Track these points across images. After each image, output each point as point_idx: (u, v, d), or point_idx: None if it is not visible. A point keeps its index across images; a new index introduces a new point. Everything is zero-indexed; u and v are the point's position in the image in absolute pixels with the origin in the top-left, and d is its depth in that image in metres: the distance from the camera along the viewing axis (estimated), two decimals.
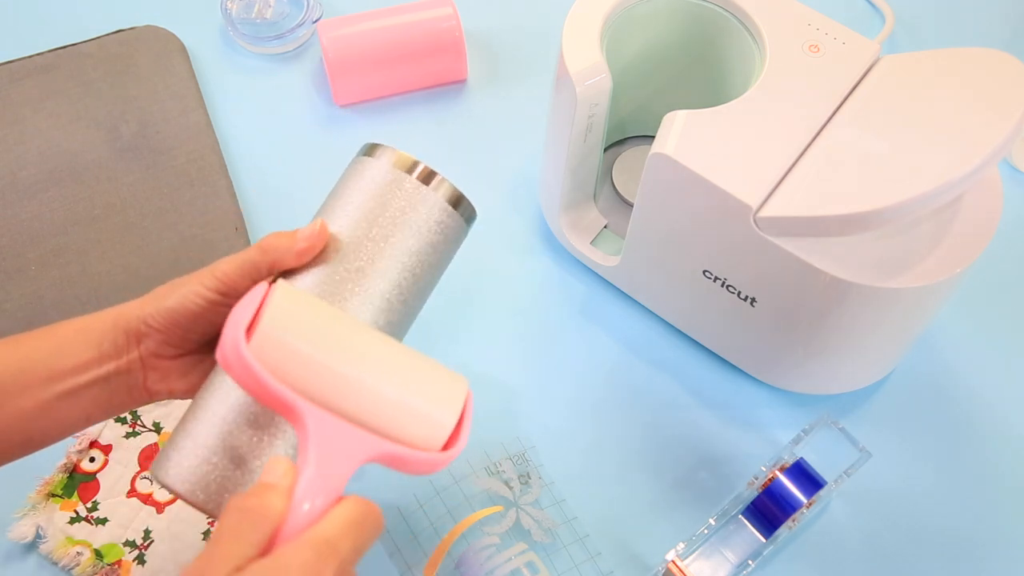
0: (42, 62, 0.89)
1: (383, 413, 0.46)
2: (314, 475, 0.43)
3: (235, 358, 0.44)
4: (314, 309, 0.47)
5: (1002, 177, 0.69)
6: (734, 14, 0.69)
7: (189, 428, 0.51)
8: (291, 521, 0.41)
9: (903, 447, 0.74)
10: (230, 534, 0.40)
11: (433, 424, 0.47)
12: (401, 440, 0.46)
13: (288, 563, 0.39)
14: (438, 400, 0.48)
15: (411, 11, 0.88)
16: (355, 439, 0.45)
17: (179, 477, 0.49)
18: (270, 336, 0.45)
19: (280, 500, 0.42)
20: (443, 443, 0.48)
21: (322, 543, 0.40)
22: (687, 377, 0.77)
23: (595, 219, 0.80)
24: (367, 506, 0.43)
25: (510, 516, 0.69)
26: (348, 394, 0.46)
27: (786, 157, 0.62)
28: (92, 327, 0.52)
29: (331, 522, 0.41)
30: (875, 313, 0.64)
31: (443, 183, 0.55)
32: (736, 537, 0.69)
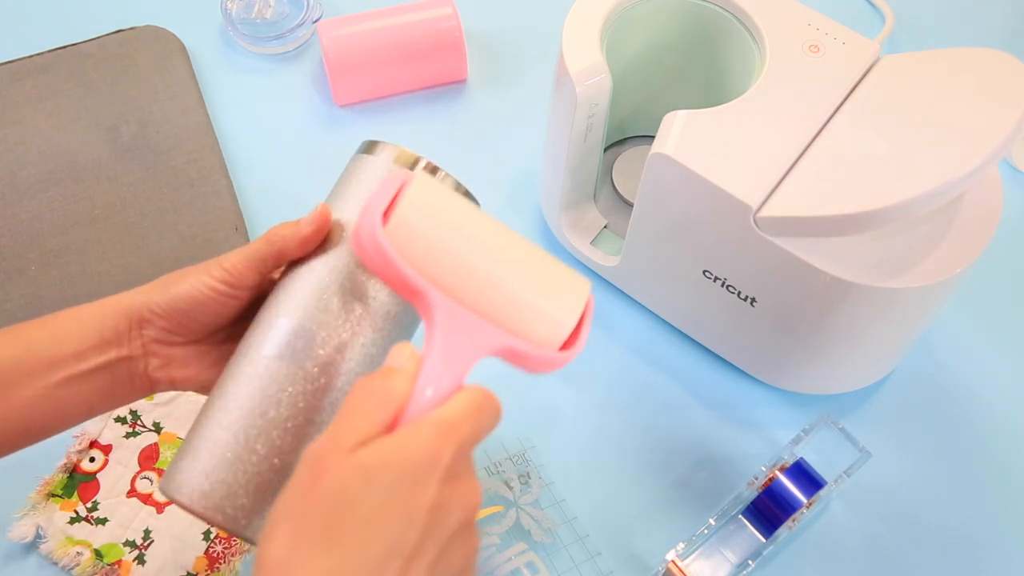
0: (42, 62, 0.89)
1: (509, 307, 0.46)
2: (438, 362, 0.44)
3: (371, 242, 0.45)
4: (449, 201, 0.48)
5: (1002, 177, 0.69)
6: (734, 14, 0.69)
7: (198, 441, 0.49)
8: (414, 404, 0.43)
9: (903, 447, 0.74)
10: (356, 411, 0.42)
11: (555, 323, 0.47)
12: (524, 336, 0.47)
13: (411, 441, 0.41)
14: (561, 299, 0.48)
15: (411, 11, 0.88)
16: (480, 330, 0.46)
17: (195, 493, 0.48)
18: (405, 223, 0.45)
19: (404, 383, 0.43)
20: (562, 343, 0.48)
21: (444, 424, 0.42)
22: (687, 377, 0.77)
23: (595, 219, 0.80)
24: (487, 394, 0.44)
25: (510, 516, 0.69)
26: (476, 286, 0.46)
27: (786, 157, 0.62)
28: (93, 314, 0.52)
29: (453, 406, 0.43)
30: (875, 313, 0.64)
31: (447, 179, 0.55)
32: (736, 537, 0.69)
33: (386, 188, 0.46)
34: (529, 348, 0.46)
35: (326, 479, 0.40)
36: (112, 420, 0.72)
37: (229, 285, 0.52)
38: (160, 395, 0.73)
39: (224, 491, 0.48)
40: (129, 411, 0.72)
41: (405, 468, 0.40)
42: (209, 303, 0.52)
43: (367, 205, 0.46)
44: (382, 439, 0.41)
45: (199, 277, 0.51)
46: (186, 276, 0.52)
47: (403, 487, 0.40)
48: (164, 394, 0.73)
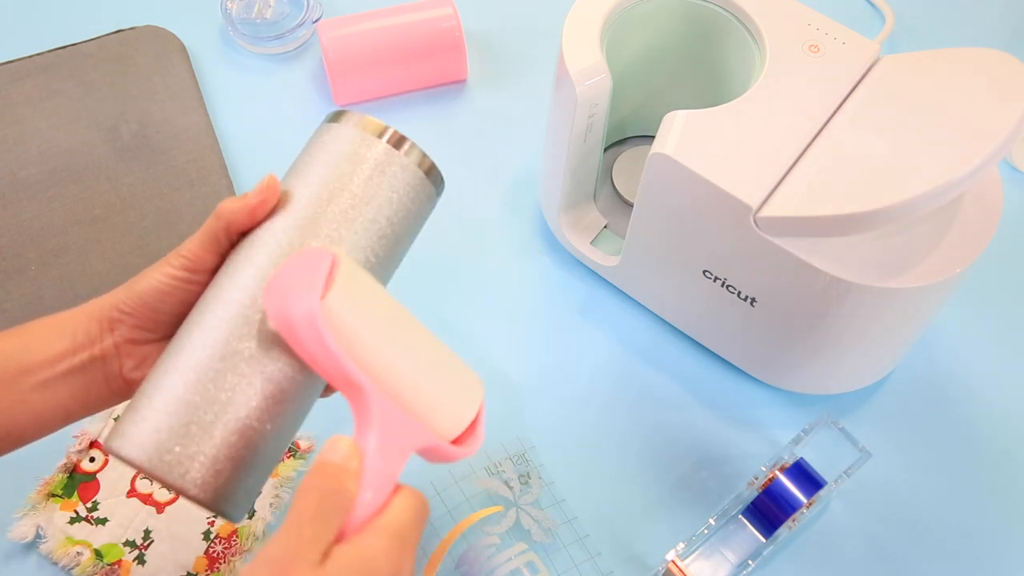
0: (42, 62, 0.89)
1: (427, 403, 0.46)
2: (378, 460, 0.43)
3: (307, 326, 0.42)
4: (374, 289, 0.47)
5: (1002, 177, 0.69)
6: (734, 14, 0.69)
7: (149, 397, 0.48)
8: (359, 506, 0.42)
9: (903, 447, 0.74)
10: (315, 517, 0.41)
11: (458, 417, 0.47)
12: (436, 431, 0.46)
13: (374, 553, 0.41)
14: (462, 394, 0.48)
15: (411, 11, 0.88)
16: (412, 428, 0.45)
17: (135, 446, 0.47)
18: (339, 310, 0.43)
19: (354, 484, 0.43)
20: (457, 436, 0.48)
21: (399, 537, 0.42)
22: (687, 377, 0.77)
23: (595, 219, 0.80)
24: (422, 498, 0.44)
25: (510, 516, 0.69)
26: (404, 381, 0.45)
27: (786, 157, 0.62)
28: (64, 320, 0.52)
29: (401, 513, 0.43)
30: (875, 313, 0.64)
31: (413, 149, 0.54)
32: (736, 537, 0.69)
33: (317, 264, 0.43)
34: (445, 446, 0.46)
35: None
36: (112, 420, 0.72)
37: (189, 271, 0.51)
38: None
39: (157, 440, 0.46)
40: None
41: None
42: (173, 292, 0.51)
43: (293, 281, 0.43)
44: (343, 551, 0.41)
45: (160, 269, 0.51)
46: (149, 271, 0.52)
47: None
48: None
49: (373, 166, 0.52)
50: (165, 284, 0.51)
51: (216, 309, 0.49)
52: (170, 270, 0.51)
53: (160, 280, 0.51)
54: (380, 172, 0.52)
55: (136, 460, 0.46)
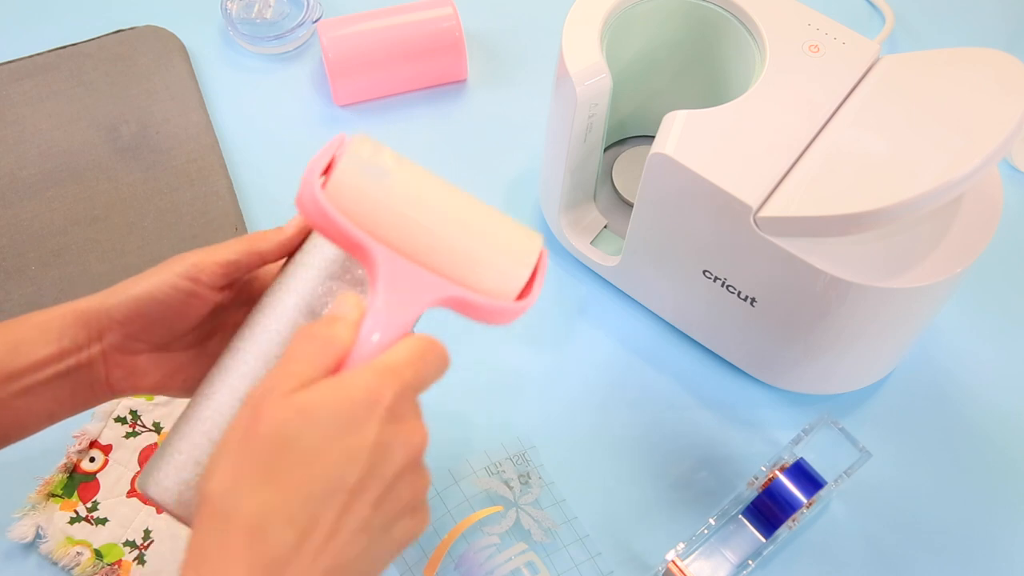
0: (42, 62, 0.89)
1: (455, 259, 0.47)
2: (382, 311, 0.44)
3: (310, 201, 0.45)
4: (390, 158, 0.48)
5: (1002, 177, 0.69)
6: (734, 14, 0.69)
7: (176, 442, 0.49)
8: (357, 351, 0.43)
9: (903, 447, 0.74)
10: (297, 356, 0.42)
11: (505, 274, 0.47)
12: (472, 287, 0.47)
13: (351, 383, 0.41)
14: (511, 252, 0.48)
15: (411, 11, 0.88)
16: (424, 280, 0.46)
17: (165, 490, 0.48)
18: (344, 181, 0.46)
19: (348, 331, 0.43)
20: (514, 296, 0.48)
21: (385, 368, 0.42)
22: (687, 377, 0.77)
23: (595, 219, 0.80)
24: (432, 342, 0.44)
25: (510, 516, 0.69)
26: (420, 238, 0.46)
27: (786, 157, 0.62)
28: (52, 322, 0.51)
29: (395, 352, 0.43)
30: (875, 313, 0.64)
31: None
32: (736, 537, 0.69)
33: (326, 149, 0.47)
34: (475, 297, 0.47)
35: (265, 420, 0.40)
36: (112, 420, 0.72)
37: (192, 280, 0.50)
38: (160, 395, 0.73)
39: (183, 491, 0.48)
40: (129, 411, 0.72)
41: (343, 408, 0.40)
42: (170, 302, 0.50)
43: (308, 166, 0.46)
44: (322, 382, 0.41)
45: (161, 276, 0.50)
46: (147, 275, 0.51)
47: (342, 426, 0.40)
48: None
49: None
50: (162, 293, 0.50)
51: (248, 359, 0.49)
52: (172, 278, 0.50)
53: (158, 288, 0.50)
54: None
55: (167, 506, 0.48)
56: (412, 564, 0.67)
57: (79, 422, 0.71)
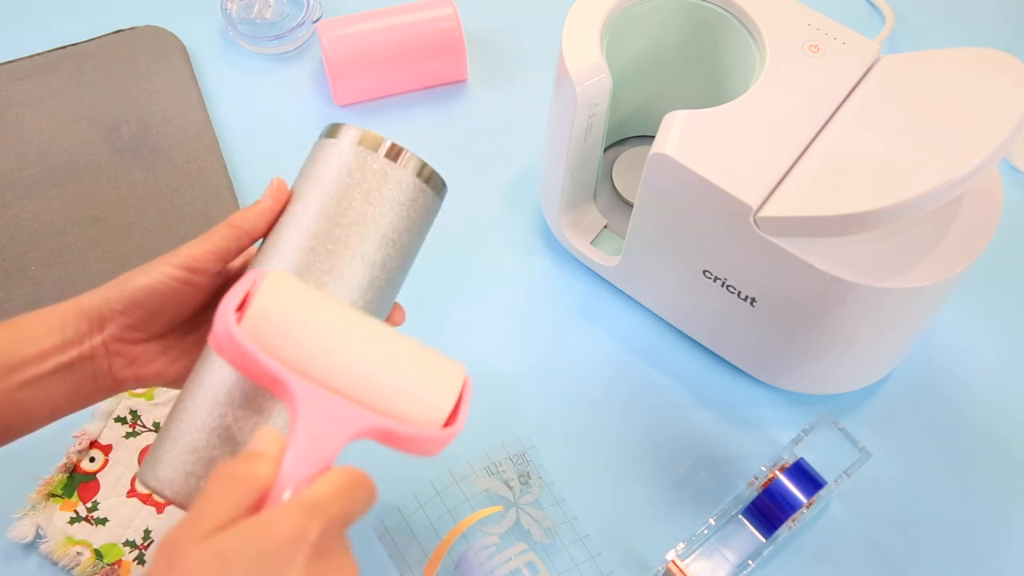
0: (42, 62, 0.89)
1: (375, 389, 0.46)
2: (303, 444, 0.43)
3: (225, 336, 0.45)
4: (304, 292, 0.48)
5: (1002, 177, 0.69)
6: (734, 14, 0.69)
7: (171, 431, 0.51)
8: (278, 488, 0.42)
9: (903, 447, 0.74)
10: (216, 496, 0.40)
11: (427, 403, 0.47)
12: (395, 418, 0.46)
13: (273, 520, 0.39)
14: (432, 381, 0.48)
15: (411, 11, 0.88)
16: (346, 411, 0.45)
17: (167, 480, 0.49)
18: (260, 316, 0.45)
19: (268, 467, 0.42)
20: (440, 423, 0.48)
21: (309, 503, 0.40)
22: (687, 377, 0.77)
23: (595, 219, 0.80)
24: (356, 473, 0.43)
25: (510, 516, 0.69)
26: (336, 368, 0.46)
27: (786, 157, 0.62)
28: (54, 315, 0.51)
29: (319, 486, 0.41)
30: (875, 313, 0.64)
31: (412, 159, 0.54)
32: (736, 537, 0.69)
33: (239, 286, 0.46)
34: (399, 427, 0.46)
35: (179, 568, 0.38)
36: (112, 420, 0.72)
37: (189, 271, 0.51)
38: (160, 395, 0.73)
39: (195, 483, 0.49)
40: (129, 411, 0.72)
41: (267, 548, 0.38)
42: (169, 293, 0.51)
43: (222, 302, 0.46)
44: (242, 522, 0.39)
45: (159, 268, 0.51)
46: (146, 269, 0.51)
47: (266, 569, 0.38)
48: (164, 394, 0.73)
49: (373, 180, 0.53)
50: (161, 284, 0.51)
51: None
52: (169, 269, 0.51)
53: (157, 279, 0.51)
54: (380, 185, 0.53)
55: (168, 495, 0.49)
56: (412, 564, 0.67)
57: (79, 422, 0.71)
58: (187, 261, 0.51)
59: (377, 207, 0.53)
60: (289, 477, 0.42)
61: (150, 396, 0.73)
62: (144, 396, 0.73)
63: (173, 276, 0.51)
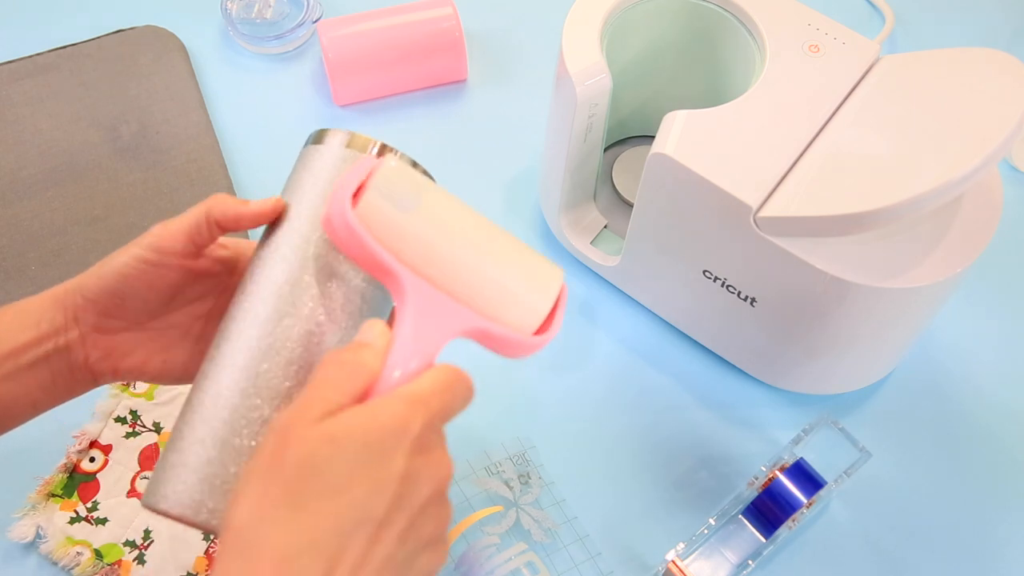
0: (42, 62, 0.89)
1: (480, 290, 0.47)
2: (409, 339, 0.44)
3: (341, 223, 0.45)
4: (420, 185, 0.48)
5: (1002, 177, 0.69)
6: (734, 14, 0.69)
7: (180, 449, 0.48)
8: (384, 379, 0.43)
9: (903, 447, 0.74)
10: (325, 382, 0.42)
11: (528, 308, 0.48)
12: (496, 319, 0.47)
13: (379, 411, 0.41)
14: (534, 285, 0.48)
15: (411, 11, 0.89)
16: (451, 310, 0.46)
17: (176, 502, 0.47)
18: (375, 205, 0.46)
19: (375, 358, 0.43)
20: (535, 329, 0.48)
21: (413, 397, 0.42)
22: (687, 377, 0.77)
23: (595, 219, 0.80)
24: (458, 372, 0.44)
25: (510, 516, 0.69)
26: (447, 268, 0.46)
27: (786, 157, 0.62)
28: (30, 309, 0.52)
29: (423, 381, 0.43)
30: (875, 313, 0.64)
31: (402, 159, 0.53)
32: (736, 537, 0.69)
33: (356, 171, 0.47)
34: (501, 330, 0.47)
35: (293, 447, 0.40)
36: (112, 420, 0.72)
37: (158, 251, 0.51)
38: (160, 395, 0.73)
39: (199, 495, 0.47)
40: (129, 411, 0.72)
41: (372, 437, 0.40)
42: (139, 275, 0.51)
43: (337, 186, 0.46)
44: (350, 409, 0.41)
45: (126, 250, 0.51)
46: (115, 253, 0.52)
47: (371, 456, 0.40)
48: (164, 394, 0.73)
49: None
50: (130, 267, 0.51)
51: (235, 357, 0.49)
52: (137, 251, 0.51)
53: (125, 263, 0.51)
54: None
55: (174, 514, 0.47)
56: None
57: (79, 422, 0.71)
58: (155, 241, 0.51)
59: None
60: (395, 369, 0.43)
61: (150, 396, 0.73)
62: (144, 396, 0.73)
63: (140, 258, 0.51)
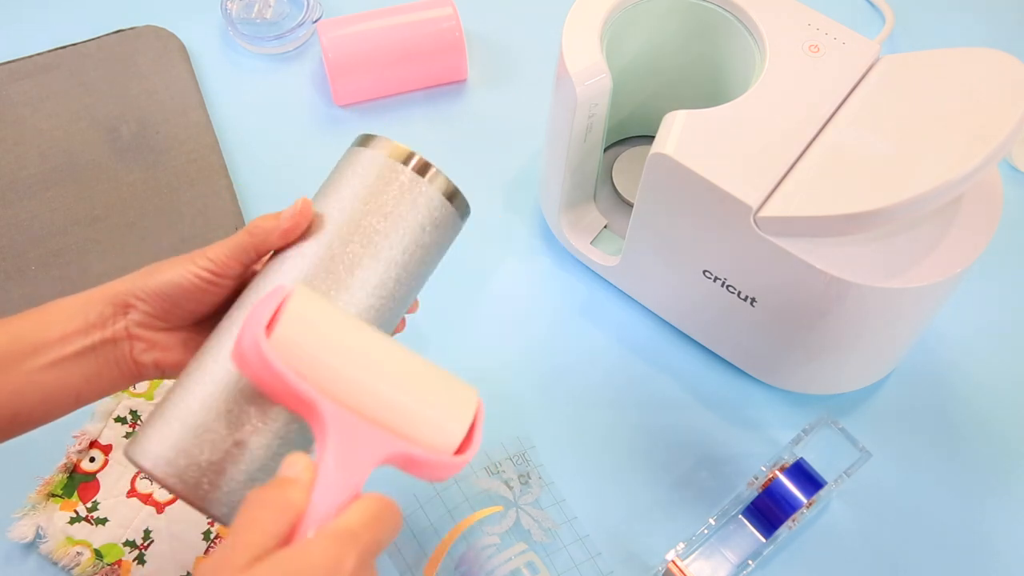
0: (42, 62, 0.89)
1: (399, 414, 0.46)
2: (333, 471, 0.43)
3: (254, 354, 0.44)
4: (331, 313, 0.48)
5: (1002, 177, 0.69)
6: (734, 14, 0.69)
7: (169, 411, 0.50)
8: (311, 515, 0.41)
9: (903, 447, 0.74)
10: (251, 524, 0.41)
11: (445, 429, 0.47)
12: (416, 443, 0.46)
13: (310, 551, 0.40)
14: (450, 406, 0.48)
15: (411, 11, 0.89)
16: (374, 437, 0.45)
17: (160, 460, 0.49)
18: (289, 335, 0.45)
19: (301, 494, 0.42)
20: (454, 449, 0.48)
21: (344, 533, 0.41)
22: (687, 377, 0.77)
23: (595, 219, 0.80)
24: (386, 501, 0.43)
25: (510, 516, 0.69)
26: (365, 394, 0.46)
27: (786, 157, 0.62)
28: (79, 302, 0.53)
29: (352, 515, 0.42)
30: (875, 313, 0.64)
31: (438, 175, 0.55)
32: (736, 537, 0.69)
33: (267, 301, 0.46)
34: (422, 453, 0.46)
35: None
36: (112, 420, 0.72)
37: (213, 274, 0.52)
38: (160, 395, 0.73)
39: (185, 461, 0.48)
40: (129, 411, 0.72)
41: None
42: (193, 290, 0.52)
43: (248, 317, 0.45)
44: (279, 552, 0.40)
45: (184, 266, 0.52)
46: (172, 264, 0.53)
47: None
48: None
49: (399, 193, 0.54)
50: (187, 281, 0.52)
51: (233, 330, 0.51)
52: (195, 268, 0.52)
53: (183, 276, 0.52)
54: (405, 199, 0.54)
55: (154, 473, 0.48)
56: (412, 564, 0.67)
57: (79, 422, 0.71)
58: (210, 266, 0.52)
59: (400, 220, 0.53)
60: (321, 504, 0.42)
61: (150, 396, 0.73)
62: (144, 396, 0.73)
63: (198, 275, 0.52)
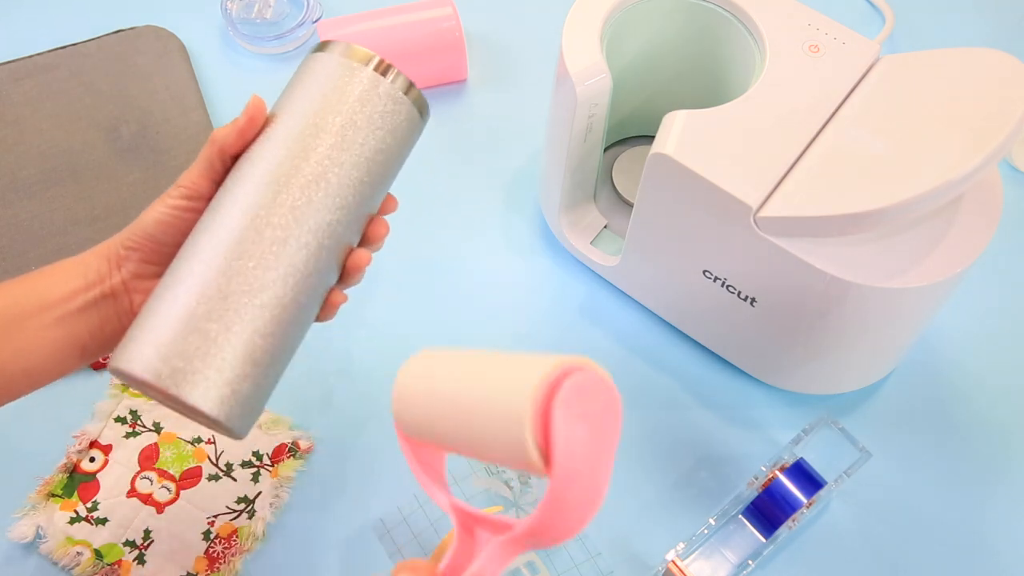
0: (42, 62, 0.89)
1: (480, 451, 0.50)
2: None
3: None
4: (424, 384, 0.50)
5: (1002, 177, 0.69)
6: (734, 14, 0.69)
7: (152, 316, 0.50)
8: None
9: (903, 447, 0.74)
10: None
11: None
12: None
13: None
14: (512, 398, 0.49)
15: (411, 11, 0.89)
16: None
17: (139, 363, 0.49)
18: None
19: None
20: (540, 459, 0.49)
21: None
22: (687, 377, 0.77)
23: (595, 219, 0.80)
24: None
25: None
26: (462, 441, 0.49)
27: (786, 157, 0.62)
28: (77, 261, 0.55)
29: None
30: (875, 313, 0.64)
31: (399, 76, 0.55)
32: (736, 537, 0.69)
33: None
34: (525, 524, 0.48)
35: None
36: (112, 420, 0.72)
37: (187, 198, 0.54)
38: None
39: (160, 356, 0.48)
40: (129, 411, 0.72)
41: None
42: (174, 222, 0.54)
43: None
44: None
45: (162, 202, 0.54)
46: (151, 207, 0.55)
47: None
48: None
49: (360, 92, 0.54)
50: (166, 215, 0.54)
51: (214, 229, 0.51)
52: (170, 200, 0.54)
53: (161, 212, 0.54)
54: (367, 98, 0.54)
55: (140, 375, 0.48)
56: None
57: (79, 422, 0.71)
58: (182, 191, 0.54)
59: (363, 118, 0.53)
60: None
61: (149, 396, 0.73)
62: (144, 396, 0.73)
63: (175, 205, 0.54)
